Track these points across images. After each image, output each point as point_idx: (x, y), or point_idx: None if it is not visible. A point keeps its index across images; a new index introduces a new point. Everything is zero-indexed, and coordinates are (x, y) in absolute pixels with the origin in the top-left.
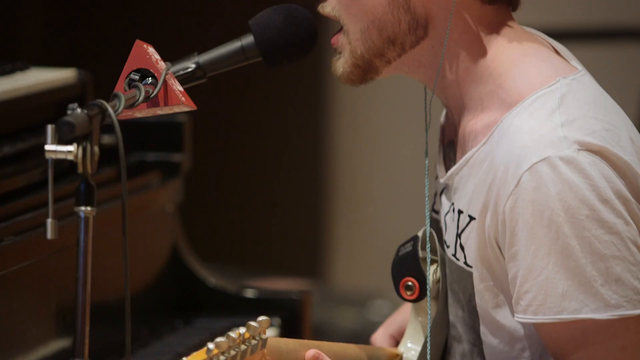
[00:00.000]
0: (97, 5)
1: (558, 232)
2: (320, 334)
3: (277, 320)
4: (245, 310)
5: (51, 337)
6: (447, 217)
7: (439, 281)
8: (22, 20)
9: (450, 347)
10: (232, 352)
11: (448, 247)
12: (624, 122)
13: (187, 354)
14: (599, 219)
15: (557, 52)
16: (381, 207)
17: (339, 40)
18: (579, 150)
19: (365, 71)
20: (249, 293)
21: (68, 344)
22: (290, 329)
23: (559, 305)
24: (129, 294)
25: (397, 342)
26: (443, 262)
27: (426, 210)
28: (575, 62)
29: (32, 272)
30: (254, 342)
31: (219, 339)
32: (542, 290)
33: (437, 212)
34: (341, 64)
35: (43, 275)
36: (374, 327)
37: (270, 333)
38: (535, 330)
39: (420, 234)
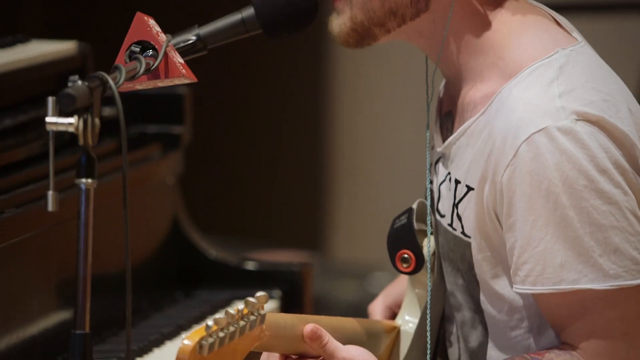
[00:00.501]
0: None
1: (556, 203)
2: (320, 306)
3: (277, 293)
4: (245, 282)
5: (52, 309)
6: (443, 187)
7: (434, 252)
8: None
9: (450, 316)
10: (231, 329)
11: (443, 216)
12: (623, 93)
13: (187, 326)
14: (597, 189)
15: (558, 23)
16: (381, 179)
17: (341, 2)
18: (576, 120)
19: (362, 37)
20: (250, 265)
21: (69, 315)
22: (290, 301)
23: (558, 275)
24: (129, 266)
25: (393, 313)
26: (437, 232)
27: (427, 182)
28: (576, 34)
29: (33, 244)
30: (252, 318)
31: (217, 316)
32: (540, 261)
33: (431, 182)
34: (338, 25)
35: (44, 248)
36: (373, 299)
37: (271, 305)
38: (534, 301)
39: (414, 206)
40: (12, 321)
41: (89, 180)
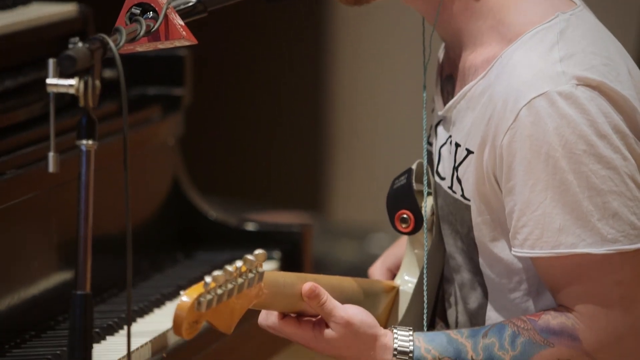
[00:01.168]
0: None
1: (555, 167)
2: (320, 267)
3: (277, 254)
4: (245, 243)
5: (53, 269)
6: (443, 149)
7: (433, 213)
8: None
9: (449, 277)
10: (229, 286)
11: (443, 179)
12: (622, 56)
13: (187, 287)
14: (596, 154)
15: None
16: (381, 141)
17: None
18: (577, 85)
19: None
20: (250, 226)
21: (70, 276)
22: (290, 262)
23: (556, 239)
24: (130, 227)
25: (393, 275)
26: (436, 194)
27: (424, 143)
28: None
29: (34, 205)
30: (250, 275)
31: (216, 273)
32: (539, 225)
33: (431, 145)
34: None
35: (45, 209)
36: (373, 260)
37: (271, 266)
38: (532, 264)
39: (414, 166)
40: (13, 282)
41: (90, 142)
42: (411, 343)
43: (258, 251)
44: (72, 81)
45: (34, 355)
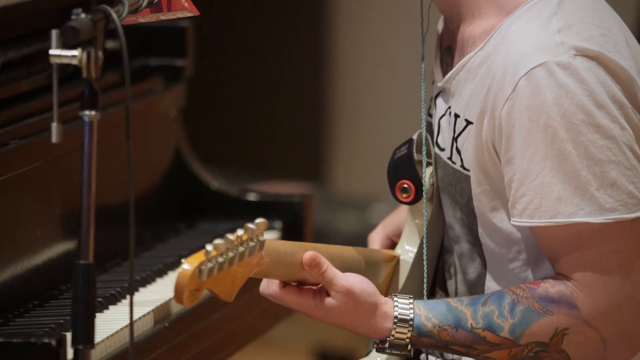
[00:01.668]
0: None
1: (554, 137)
2: (321, 237)
3: (278, 224)
4: (247, 213)
5: (56, 239)
6: (443, 120)
7: (433, 184)
8: None
9: (449, 247)
10: (230, 254)
11: (443, 150)
12: (620, 27)
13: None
14: (595, 124)
15: None
16: (382, 111)
17: None
18: (575, 55)
19: None
20: (251, 196)
21: (73, 246)
22: (291, 232)
23: (555, 208)
24: (132, 198)
25: (393, 243)
26: (436, 164)
27: (422, 114)
28: None
29: (37, 176)
30: (251, 244)
31: (217, 241)
32: (537, 194)
33: (431, 116)
34: None
35: (48, 179)
36: (373, 230)
37: (272, 236)
38: (531, 234)
39: (415, 137)
40: (17, 252)
41: (93, 113)
42: (411, 311)
43: (259, 220)
44: (75, 52)
45: (37, 325)
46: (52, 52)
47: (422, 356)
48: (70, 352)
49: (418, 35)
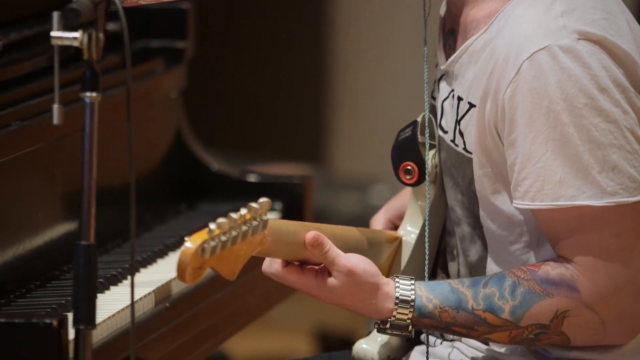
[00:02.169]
0: None
1: (556, 120)
2: (321, 218)
3: (279, 205)
4: (247, 194)
5: (58, 220)
6: (446, 103)
7: (437, 166)
8: None
9: (451, 230)
10: (233, 233)
11: (446, 132)
12: (622, 10)
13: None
14: (597, 108)
15: None
16: (383, 93)
17: None
18: (578, 39)
19: None
20: (252, 178)
21: (74, 227)
22: (292, 213)
23: (556, 191)
24: (133, 179)
25: (395, 226)
26: (439, 147)
27: (425, 96)
28: None
29: (38, 157)
30: (254, 223)
31: (220, 220)
32: (540, 177)
33: (435, 99)
34: None
35: (49, 160)
36: (374, 211)
37: (272, 217)
38: (533, 216)
39: (419, 119)
40: (18, 232)
41: (94, 94)
42: (413, 292)
43: (262, 199)
44: (76, 34)
45: (38, 305)
46: (53, 34)
47: (423, 336)
48: (71, 333)
49: (420, 18)
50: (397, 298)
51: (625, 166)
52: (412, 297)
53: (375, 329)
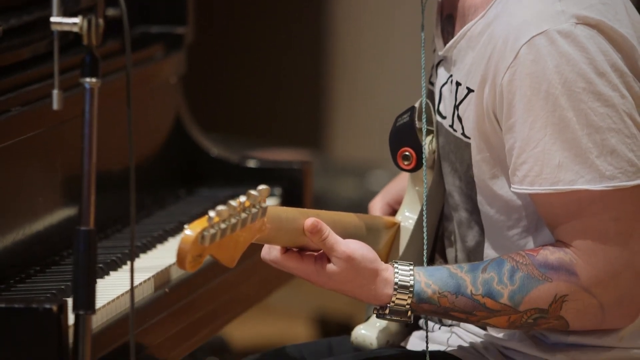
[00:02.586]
0: None
1: (555, 105)
2: (320, 203)
3: (278, 190)
4: (247, 180)
5: (57, 206)
6: (444, 89)
7: (434, 151)
8: None
9: (449, 215)
10: (233, 220)
11: (444, 117)
12: None
13: (189, 223)
14: (595, 92)
15: None
16: (381, 78)
17: None
18: (576, 24)
19: None
20: (251, 163)
21: (74, 212)
22: (291, 199)
23: (555, 176)
24: (133, 164)
25: (393, 210)
26: (438, 132)
27: (422, 82)
28: None
29: (38, 142)
30: (254, 210)
31: (219, 207)
32: (538, 162)
33: (433, 84)
34: None
35: (49, 145)
36: (373, 196)
37: (271, 202)
38: (531, 201)
39: (417, 104)
40: (18, 218)
41: (93, 80)
42: (412, 277)
43: (261, 187)
44: (76, 19)
45: (38, 290)
46: (53, 19)
47: (421, 322)
48: (71, 318)
49: (418, 4)
50: (396, 284)
51: (624, 150)
52: (411, 282)
53: (374, 315)
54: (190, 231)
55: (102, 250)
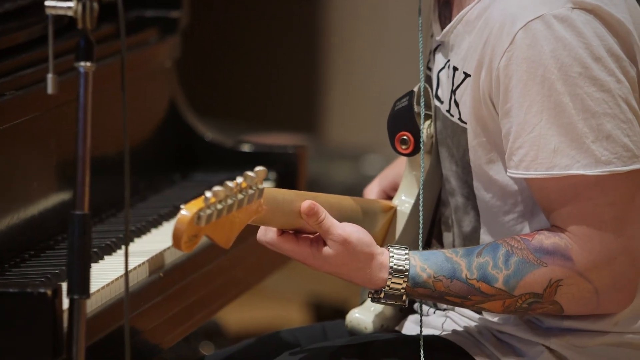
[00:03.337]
0: None
1: (551, 89)
2: (315, 188)
3: (273, 174)
4: (241, 164)
5: (52, 190)
6: (442, 74)
7: (432, 136)
8: None
9: (446, 201)
10: (229, 201)
11: (442, 102)
12: None
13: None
14: (591, 77)
15: None
16: (377, 63)
17: None
18: (572, 8)
19: None
20: (246, 147)
21: (69, 197)
22: (285, 183)
23: (551, 160)
24: (127, 148)
25: (388, 197)
26: (435, 118)
27: (420, 67)
28: None
29: (33, 127)
30: (250, 191)
31: (216, 188)
32: (534, 146)
33: (430, 70)
34: None
35: (44, 130)
36: (367, 181)
37: (266, 186)
38: (527, 185)
39: (416, 89)
40: (13, 202)
41: (88, 64)
42: (407, 262)
43: (258, 168)
44: (71, 3)
45: (33, 275)
46: (47, 3)
47: (416, 306)
48: (65, 302)
49: None
50: (391, 268)
51: (619, 135)
52: (406, 266)
53: (369, 299)
54: (186, 211)
55: (97, 234)
